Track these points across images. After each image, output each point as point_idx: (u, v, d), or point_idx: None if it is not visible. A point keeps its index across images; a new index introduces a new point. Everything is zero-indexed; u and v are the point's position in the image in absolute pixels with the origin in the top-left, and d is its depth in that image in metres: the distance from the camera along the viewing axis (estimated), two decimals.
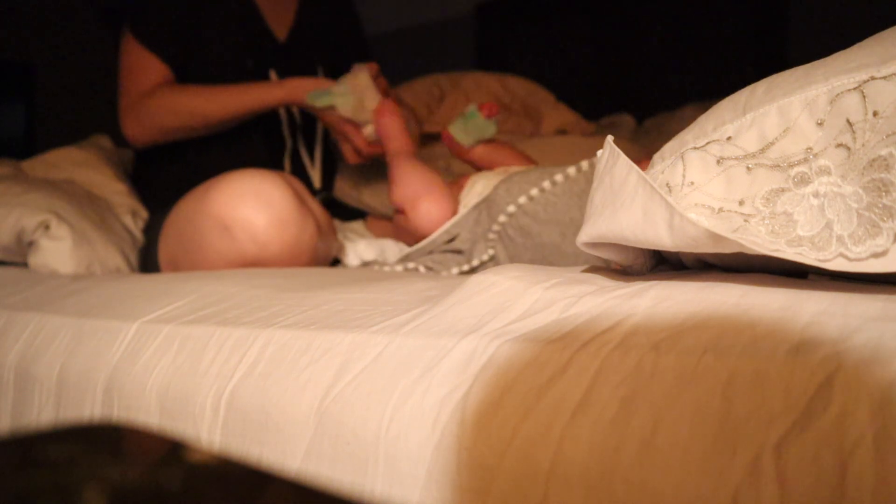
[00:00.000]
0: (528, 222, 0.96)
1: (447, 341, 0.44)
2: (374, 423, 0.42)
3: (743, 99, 0.43)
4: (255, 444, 0.48)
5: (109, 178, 1.35)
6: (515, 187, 0.97)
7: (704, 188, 0.42)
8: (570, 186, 0.95)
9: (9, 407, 0.70)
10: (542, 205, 0.96)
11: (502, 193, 0.98)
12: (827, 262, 0.37)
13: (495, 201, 0.98)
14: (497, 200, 0.98)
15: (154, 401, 0.57)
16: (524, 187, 0.96)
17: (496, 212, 0.98)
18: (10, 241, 1.09)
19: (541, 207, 0.96)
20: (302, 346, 0.51)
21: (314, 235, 0.99)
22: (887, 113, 0.37)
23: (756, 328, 0.35)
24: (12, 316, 0.78)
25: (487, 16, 2.30)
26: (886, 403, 0.28)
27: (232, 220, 0.94)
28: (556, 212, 0.95)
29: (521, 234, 0.96)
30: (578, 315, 0.42)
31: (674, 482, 0.31)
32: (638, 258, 0.48)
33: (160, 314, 0.66)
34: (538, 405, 0.36)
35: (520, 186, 0.97)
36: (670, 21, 2.01)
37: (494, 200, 0.98)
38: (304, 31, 1.32)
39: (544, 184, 0.95)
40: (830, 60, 0.41)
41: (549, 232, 0.95)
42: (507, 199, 0.97)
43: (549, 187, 0.95)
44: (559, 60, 2.17)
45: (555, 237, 0.95)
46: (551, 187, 0.95)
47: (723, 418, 0.31)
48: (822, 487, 0.28)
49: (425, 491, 0.38)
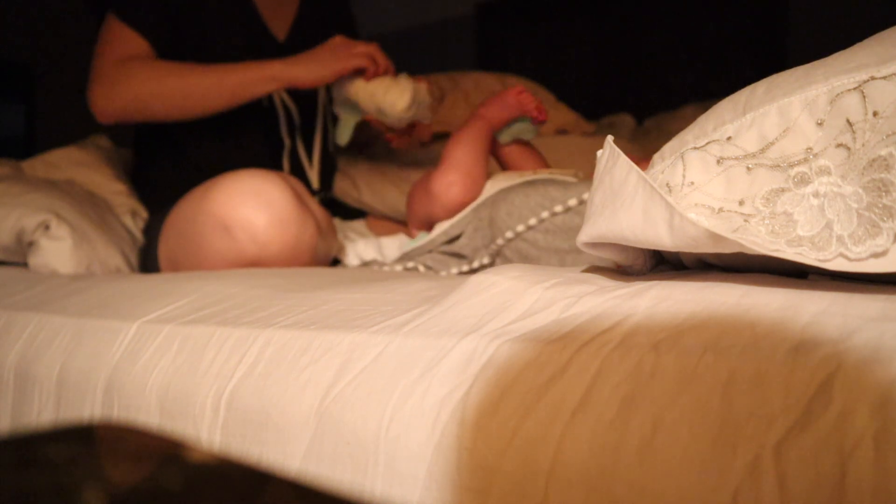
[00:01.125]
0: (526, 247, 0.94)
1: (447, 341, 0.44)
2: (374, 423, 0.42)
3: (743, 99, 0.43)
4: (255, 444, 0.48)
5: (109, 178, 1.36)
6: (516, 212, 0.95)
7: (704, 188, 0.42)
8: (572, 217, 0.92)
9: (9, 407, 0.70)
10: (542, 232, 0.93)
11: (503, 216, 0.95)
12: (827, 262, 0.37)
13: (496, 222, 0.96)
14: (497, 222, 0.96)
15: (154, 401, 0.57)
16: (524, 214, 0.94)
17: (496, 233, 0.96)
18: (10, 242, 1.09)
19: (540, 235, 0.94)
20: (302, 346, 0.51)
21: (314, 235, 0.99)
22: (887, 113, 0.37)
23: (756, 328, 0.35)
24: (12, 316, 0.78)
25: (487, 16, 2.30)
26: (886, 403, 0.28)
27: (232, 220, 0.94)
28: (556, 240, 0.93)
29: (518, 257, 0.95)
30: (578, 315, 0.42)
31: (674, 482, 0.31)
32: (638, 258, 0.48)
33: (160, 314, 0.66)
34: (538, 405, 0.36)
35: (520, 212, 0.94)
36: (670, 21, 2.01)
37: (495, 221, 0.96)
38: (303, 31, 1.32)
39: (543, 214, 0.93)
40: (830, 60, 0.41)
41: (548, 258, 0.93)
42: (508, 222, 0.95)
43: (547, 217, 0.93)
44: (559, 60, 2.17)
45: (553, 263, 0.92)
46: (550, 217, 0.93)
47: (723, 418, 0.31)
48: (822, 487, 0.28)
49: (425, 491, 0.38)
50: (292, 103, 1.28)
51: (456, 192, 1.00)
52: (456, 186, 1.00)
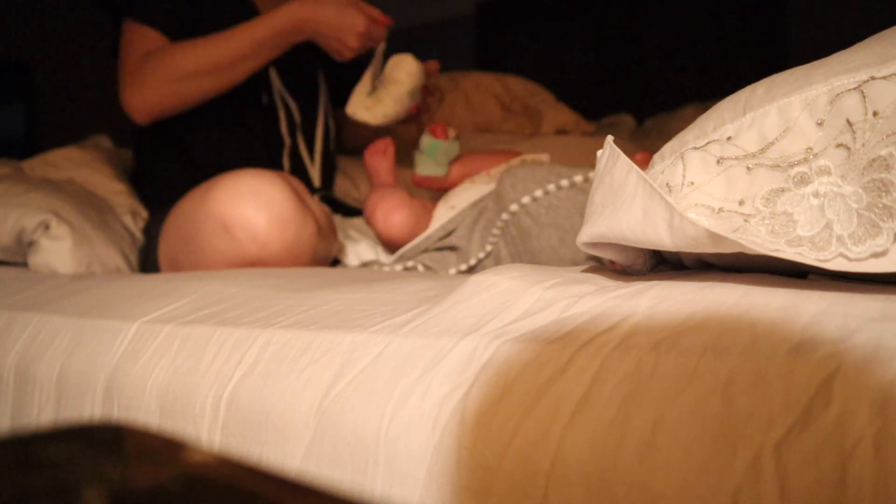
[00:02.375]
0: (528, 223, 0.94)
1: (447, 341, 0.44)
2: (374, 424, 0.42)
3: (743, 99, 0.43)
4: (255, 445, 0.48)
5: (109, 178, 1.35)
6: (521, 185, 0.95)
7: (704, 188, 0.42)
8: (576, 194, 0.93)
9: (9, 407, 0.70)
10: (546, 207, 0.94)
11: (507, 189, 0.96)
12: (827, 262, 0.37)
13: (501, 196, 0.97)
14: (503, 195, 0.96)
15: (154, 401, 0.57)
16: (529, 186, 0.95)
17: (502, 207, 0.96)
18: (10, 242, 1.09)
19: (543, 210, 0.94)
20: (302, 346, 0.51)
21: (314, 235, 0.99)
22: (887, 113, 0.37)
23: (756, 328, 0.35)
24: (12, 316, 0.78)
25: (487, 16, 2.30)
26: (886, 403, 0.28)
27: (232, 220, 0.94)
28: (558, 216, 0.93)
29: (520, 233, 0.95)
30: (578, 315, 0.42)
31: (674, 482, 0.31)
32: (638, 258, 0.48)
33: (160, 314, 0.66)
34: (538, 405, 0.36)
35: (525, 185, 0.95)
36: (670, 21, 2.01)
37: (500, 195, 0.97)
38: None
39: (549, 186, 0.94)
40: (830, 60, 0.41)
41: (548, 236, 0.93)
42: (513, 195, 0.95)
43: (553, 190, 0.94)
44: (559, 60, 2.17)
45: (553, 241, 0.93)
46: (556, 191, 0.94)
47: (723, 418, 0.31)
48: (822, 487, 0.28)
49: (425, 491, 0.38)
50: (293, 101, 1.28)
51: (400, 221, 1.05)
52: (398, 218, 1.05)
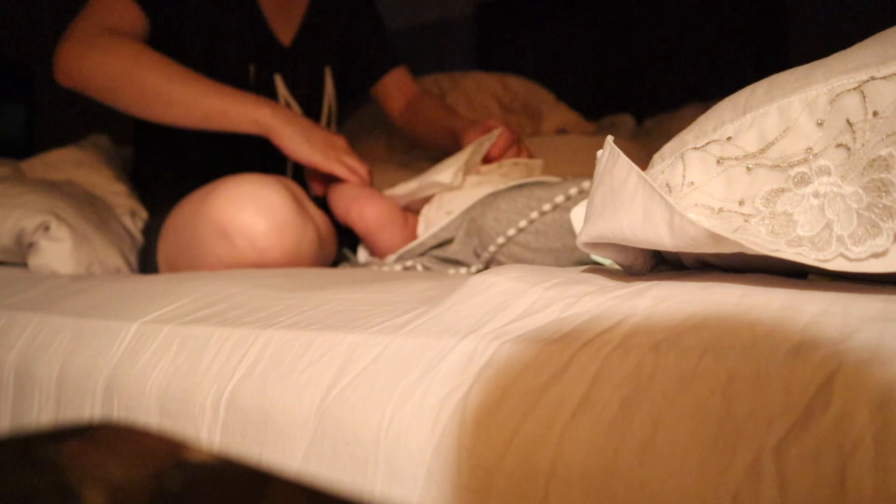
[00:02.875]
0: (518, 251, 0.93)
1: (447, 341, 0.44)
2: (374, 424, 0.42)
3: (743, 99, 0.43)
4: (255, 445, 0.48)
5: (109, 178, 1.35)
6: (503, 217, 0.94)
7: (704, 188, 0.42)
8: (561, 213, 0.91)
9: (9, 407, 0.70)
10: (533, 234, 0.92)
11: (491, 223, 0.94)
12: (827, 262, 0.37)
13: (484, 230, 0.95)
14: (486, 230, 0.95)
15: (154, 401, 0.57)
16: (513, 218, 0.93)
17: (486, 241, 0.95)
18: (9, 243, 1.09)
19: (531, 237, 0.92)
20: (302, 346, 0.51)
21: (314, 241, 0.99)
22: (887, 113, 0.37)
23: (756, 328, 0.35)
24: (12, 316, 0.78)
25: (487, 16, 2.30)
26: (886, 403, 0.28)
27: (231, 225, 0.93)
28: (548, 240, 0.92)
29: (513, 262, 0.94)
30: (578, 315, 0.42)
31: (674, 483, 0.31)
32: (638, 258, 0.48)
33: (160, 314, 0.66)
34: (538, 405, 0.36)
35: (508, 217, 0.94)
36: (670, 21, 2.01)
37: (483, 229, 0.95)
38: (310, 35, 1.31)
39: (532, 214, 0.92)
40: (830, 60, 0.41)
41: (542, 259, 0.92)
42: (497, 228, 0.94)
43: (537, 217, 0.92)
44: (559, 60, 2.16)
45: (548, 262, 0.91)
46: (540, 217, 0.92)
47: (723, 419, 0.31)
48: (822, 488, 0.28)
49: (425, 491, 0.38)
50: (296, 105, 1.28)
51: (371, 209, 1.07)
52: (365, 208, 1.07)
